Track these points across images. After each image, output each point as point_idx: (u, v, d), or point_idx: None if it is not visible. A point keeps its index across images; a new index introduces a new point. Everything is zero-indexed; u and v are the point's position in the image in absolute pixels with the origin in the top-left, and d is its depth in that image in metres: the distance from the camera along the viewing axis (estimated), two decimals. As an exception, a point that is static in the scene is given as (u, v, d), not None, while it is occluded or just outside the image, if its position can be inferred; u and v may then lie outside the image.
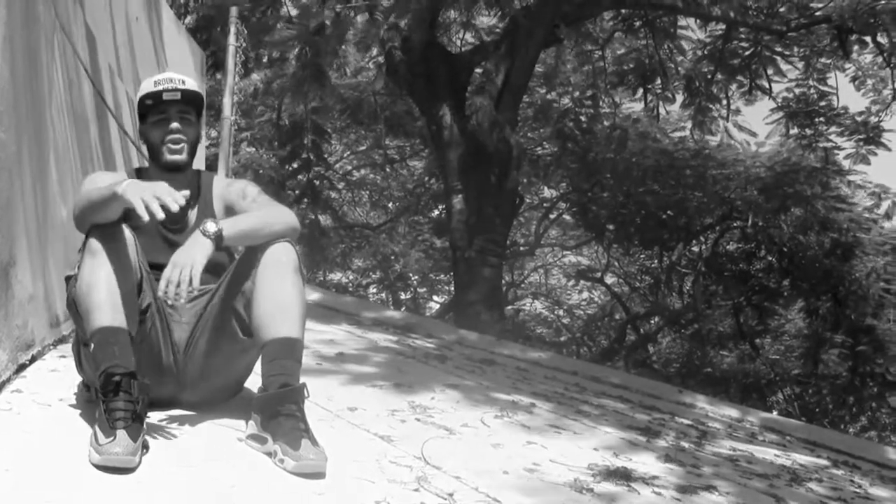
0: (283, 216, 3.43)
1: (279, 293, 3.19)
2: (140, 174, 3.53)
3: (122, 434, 2.67)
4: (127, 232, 3.11)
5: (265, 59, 16.65)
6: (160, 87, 3.41)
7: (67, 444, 2.79)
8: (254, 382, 3.28)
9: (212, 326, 3.34)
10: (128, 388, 2.83)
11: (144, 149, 3.57)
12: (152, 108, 3.44)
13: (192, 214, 3.51)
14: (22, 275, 3.59)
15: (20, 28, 3.67)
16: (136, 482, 2.58)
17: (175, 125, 3.42)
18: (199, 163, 6.28)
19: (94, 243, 3.03)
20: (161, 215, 2.92)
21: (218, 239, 3.15)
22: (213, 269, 3.34)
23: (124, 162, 6.23)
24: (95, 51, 5.76)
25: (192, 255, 3.08)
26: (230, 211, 3.51)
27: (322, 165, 20.19)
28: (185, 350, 3.35)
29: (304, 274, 3.32)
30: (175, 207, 2.93)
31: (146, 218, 2.90)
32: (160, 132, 3.43)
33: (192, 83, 3.50)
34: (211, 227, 3.16)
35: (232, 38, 10.75)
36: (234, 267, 3.36)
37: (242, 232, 3.27)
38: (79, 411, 3.18)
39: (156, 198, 2.90)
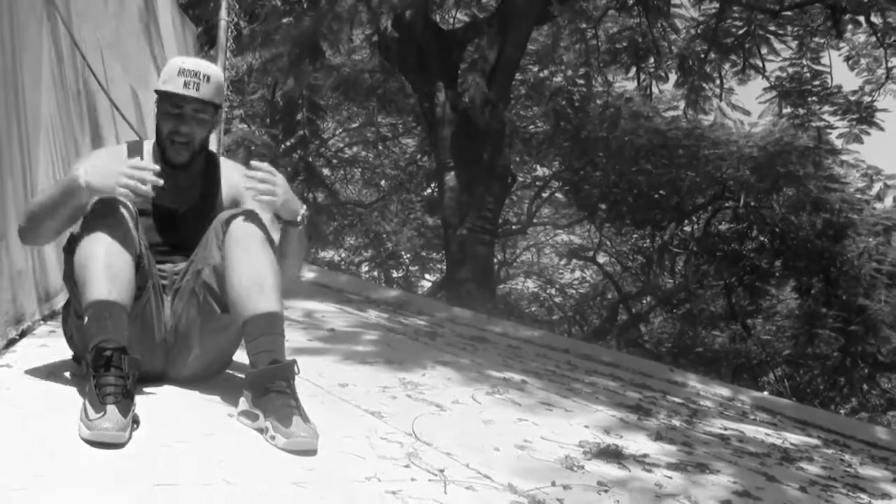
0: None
1: (251, 268, 3.16)
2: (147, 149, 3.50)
3: (112, 409, 2.66)
4: (127, 206, 3.09)
5: (259, 40, 16.53)
6: (181, 80, 3.30)
7: (57, 419, 2.77)
8: (243, 356, 3.27)
9: (188, 302, 3.33)
10: (119, 363, 2.81)
11: (148, 125, 3.50)
12: (169, 97, 3.34)
13: (196, 196, 3.48)
14: (12, 249, 3.57)
15: (7, 1, 3.64)
16: (126, 457, 2.57)
17: (184, 128, 3.35)
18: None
19: (95, 215, 3.01)
20: (151, 193, 3.00)
21: (301, 222, 3.37)
22: (191, 246, 3.34)
23: (116, 136, 6.19)
24: (85, 25, 5.72)
25: (290, 200, 3.28)
26: (235, 204, 3.49)
27: (317, 142, 20.16)
28: (172, 326, 3.33)
29: (275, 245, 3.29)
30: (156, 182, 3.00)
31: (141, 197, 3.00)
32: (170, 126, 3.36)
33: (216, 79, 3.39)
34: (306, 214, 3.38)
35: (223, 13, 10.67)
36: (202, 241, 3.33)
37: (298, 245, 3.46)
38: (69, 386, 3.17)
39: (134, 178, 2.96)
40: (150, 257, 3.25)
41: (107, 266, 2.95)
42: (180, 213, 3.39)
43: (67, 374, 3.31)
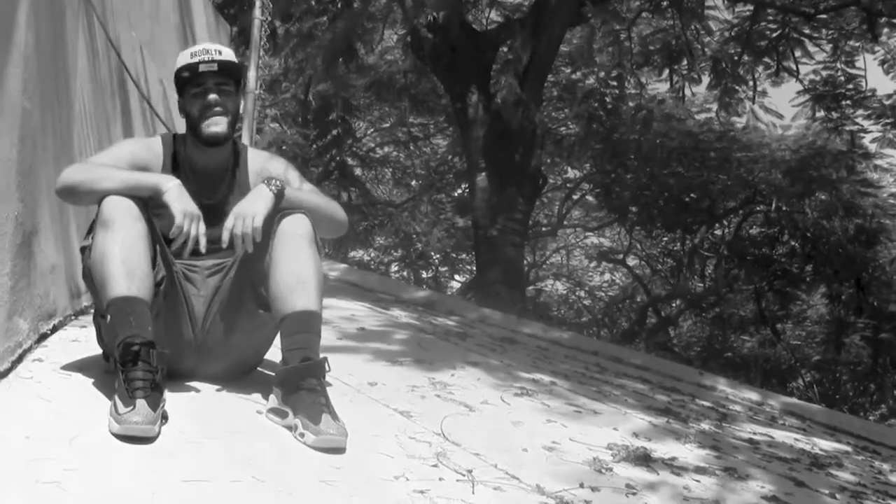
0: (339, 209, 3.57)
1: (295, 266, 3.18)
2: (176, 142, 3.50)
3: (141, 403, 2.67)
4: (138, 203, 3.09)
5: (295, 39, 16.56)
6: (196, 59, 3.36)
7: (87, 414, 2.79)
8: (274, 355, 3.28)
9: (228, 300, 3.33)
10: (147, 357, 2.81)
11: (182, 121, 3.51)
12: (190, 81, 3.39)
13: (226, 190, 3.48)
14: (44, 244, 3.59)
15: (47, -2, 3.66)
16: (155, 452, 2.58)
17: (213, 97, 3.36)
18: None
19: (108, 214, 3.01)
20: (190, 247, 3.13)
21: (279, 195, 3.26)
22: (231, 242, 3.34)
23: (145, 134, 6.22)
24: (121, 22, 5.75)
25: (255, 206, 3.18)
26: None
27: (350, 141, 20.17)
28: (204, 323, 3.34)
29: (320, 245, 3.31)
30: (192, 246, 3.15)
31: (179, 242, 3.11)
32: (199, 105, 3.37)
33: (229, 52, 3.45)
34: (276, 182, 3.28)
35: (257, 12, 10.74)
36: None
37: (301, 202, 3.37)
38: (99, 381, 3.18)
39: (193, 225, 3.12)
40: (166, 253, 3.24)
41: (123, 263, 2.95)
42: (211, 209, 3.31)
43: (98, 369, 3.33)
